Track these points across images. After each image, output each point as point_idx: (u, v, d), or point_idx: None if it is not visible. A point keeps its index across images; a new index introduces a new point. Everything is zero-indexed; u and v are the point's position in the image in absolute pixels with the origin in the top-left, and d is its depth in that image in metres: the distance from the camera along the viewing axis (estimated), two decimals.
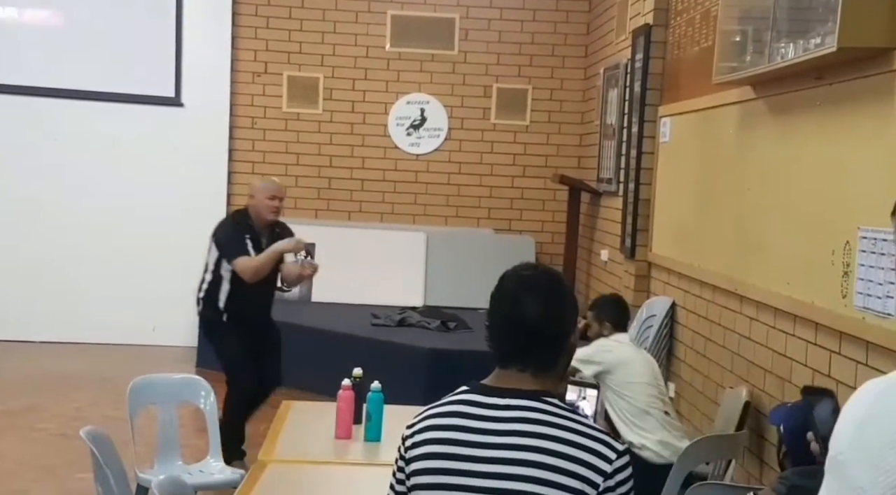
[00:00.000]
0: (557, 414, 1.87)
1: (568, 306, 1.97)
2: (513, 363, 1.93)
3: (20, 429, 5.81)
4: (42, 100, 8.06)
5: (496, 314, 1.95)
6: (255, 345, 5.16)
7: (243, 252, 4.98)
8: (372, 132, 8.48)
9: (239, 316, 5.09)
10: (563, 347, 1.95)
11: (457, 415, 1.91)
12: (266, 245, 5.08)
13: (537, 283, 1.96)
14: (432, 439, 1.91)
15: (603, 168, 7.35)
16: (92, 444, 2.98)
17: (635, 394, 4.12)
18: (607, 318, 4.41)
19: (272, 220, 5.17)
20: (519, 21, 8.42)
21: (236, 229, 5.10)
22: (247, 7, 8.32)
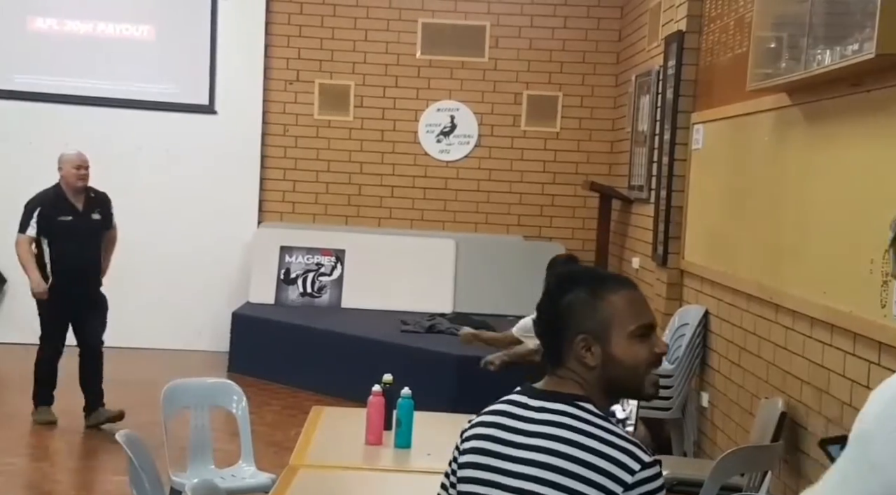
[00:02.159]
0: (585, 419, 1.86)
1: (572, 307, 1.95)
2: (548, 360, 1.96)
3: (57, 432, 5.88)
4: (78, 108, 8.16)
5: (538, 309, 1.98)
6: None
7: (24, 228, 5.80)
8: (402, 139, 8.50)
9: (60, 282, 5.81)
10: (561, 344, 1.93)
11: (501, 414, 1.95)
12: (83, 209, 5.91)
13: (554, 278, 2.03)
14: (479, 435, 1.96)
15: (634, 175, 7.31)
16: (127, 448, 3.00)
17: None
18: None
19: (81, 187, 5.89)
20: (550, 28, 8.41)
21: (35, 203, 5.83)
22: (280, 16, 8.38)
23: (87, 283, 6.00)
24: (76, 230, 5.87)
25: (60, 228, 5.83)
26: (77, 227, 5.87)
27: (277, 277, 8.15)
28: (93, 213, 5.98)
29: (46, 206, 5.81)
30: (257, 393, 6.51)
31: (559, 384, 1.92)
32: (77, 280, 5.92)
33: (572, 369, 1.91)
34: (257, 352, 7.45)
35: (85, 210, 5.91)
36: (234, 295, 8.20)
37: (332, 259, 8.18)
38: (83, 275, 5.97)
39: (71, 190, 5.86)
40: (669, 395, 5.26)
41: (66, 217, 5.84)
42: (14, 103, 8.09)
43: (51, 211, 5.82)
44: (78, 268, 5.91)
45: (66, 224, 5.84)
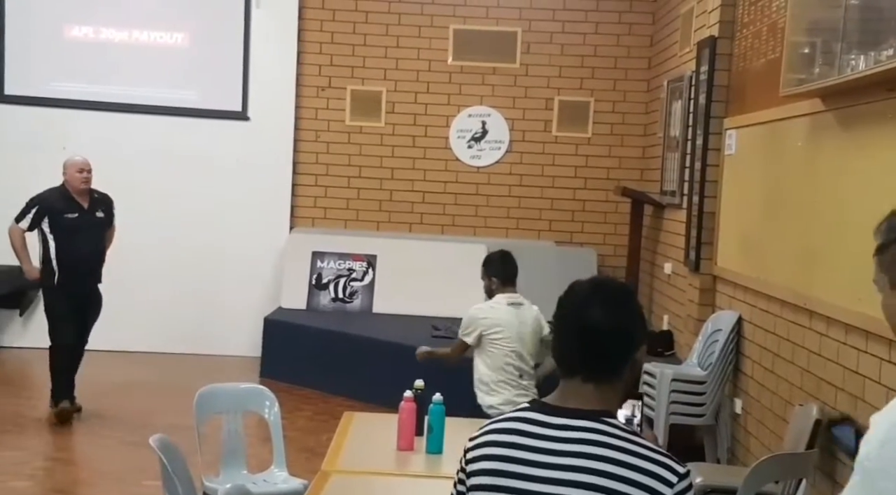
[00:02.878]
0: (618, 435, 1.84)
1: (637, 319, 1.95)
2: (577, 372, 1.90)
3: (89, 436, 5.94)
4: (112, 115, 8.26)
5: (564, 319, 1.92)
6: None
7: (20, 219, 6.12)
8: (433, 145, 8.52)
9: (66, 275, 6.12)
10: (626, 359, 1.91)
11: (515, 433, 1.90)
12: (88, 209, 6.25)
13: (608, 291, 1.95)
14: (490, 455, 1.91)
15: (666, 180, 7.28)
16: (160, 452, 3.03)
17: (496, 355, 4.45)
18: (494, 274, 4.66)
19: (85, 189, 6.26)
20: (581, 34, 8.40)
21: (37, 200, 6.16)
22: (312, 23, 8.44)
23: (90, 278, 6.33)
24: (81, 227, 6.20)
25: (67, 225, 6.15)
26: (82, 225, 6.21)
27: (309, 282, 8.19)
28: (97, 212, 6.34)
29: (51, 204, 6.15)
30: (289, 399, 6.54)
31: (576, 399, 1.89)
32: (82, 275, 6.24)
33: (614, 382, 1.90)
34: (289, 357, 7.49)
35: (90, 208, 6.29)
36: (267, 300, 8.26)
37: (363, 264, 8.22)
38: (88, 270, 6.29)
39: (75, 192, 6.24)
40: (702, 402, 5.23)
41: (72, 214, 6.18)
42: (49, 110, 8.20)
43: (57, 208, 6.15)
44: (83, 264, 6.24)
45: (72, 221, 6.17)
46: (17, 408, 6.42)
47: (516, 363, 4.54)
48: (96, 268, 6.36)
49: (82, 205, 6.26)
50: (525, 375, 4.56)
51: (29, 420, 6.24)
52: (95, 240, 6.31)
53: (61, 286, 6.16)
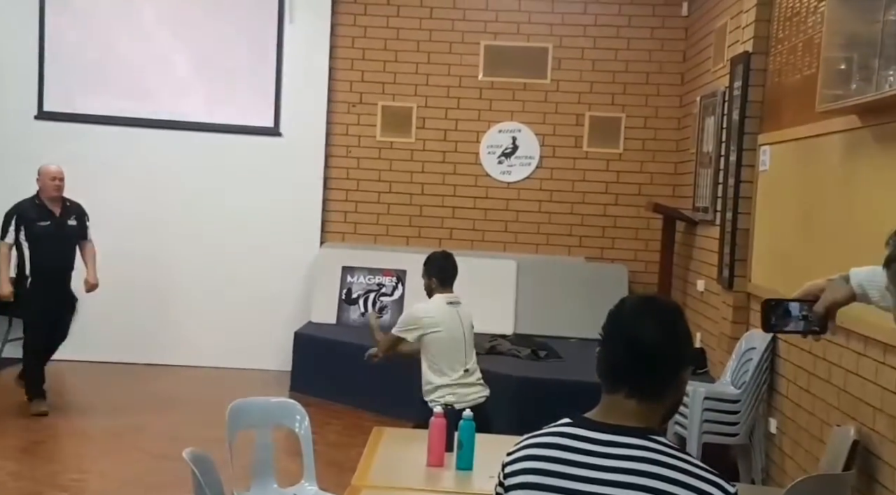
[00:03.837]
0: (667, 453, 1.82)
1: (685, 338, 1.93)
2: (621, 387, 1.88)
3: (122, 449, 5.98)
4: (147, 131, 8.34)
5: (611, 333, 1.91)
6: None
7: (3, 235, 6.43)
8: (463, 160, 8.53)
9: (39, 281, 6.46)
10: (673, 377, 1.89)
11: (557, 447, 1.88)
12: (60, 216, 6.58)
13: (658, 309, 1.93)
14: (530, 469, 1.89)
15: (699, 196, 7.23)
16: (193, 465, 3.03)
17: (439, 351, 4.60)
18: (433, 274, 4.78)
19: (57, 196, 6.59)
20: (613, 50, 8.38)
21: (13, 211, 6.47)
22: (344, 40, 8.49)
23: (63, 283, 6.65)
24: (54, 234, 6.53)
25: (39, 233, 6.48)
26: (55, 232, 6.54)
27: (339, 297, 8.20)
28: (69, 220, 6.66)
29: (26, 213, 6.49)
30: (319, 413, 6.54)
31: (619, 415, 1.87)
32: (55, 280, 6.57)
33: (658, 400, 1.88)
34: (319, 372, 7.50)
35: (62, 216, 6.61)
36: (297, 314, 8.28)
37: (393, 279, 8.22)
38: (60, 276, 6.62)
39: (48, 199, 6.58)
40: (736, 421, 5.17)
41: (44, 222, 6.52)
42: (86, 126, 8.30)
43: (30, 217, 6.49)
44: (56, 269, 6.58)
45: (45, 228, 6.50)
46: (49, 420, 6.47)
47: (459, 359, 4.67)
48: (67, 274, 6.68)
49: (54, 213, 6.59)
50: (469, 368, 4.70)
51: (61, 431, 6.29)
52: (67, 248, 6.65)
53: (35, 291, 6.47)
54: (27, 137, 8.18)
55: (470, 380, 4.69)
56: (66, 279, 6.69)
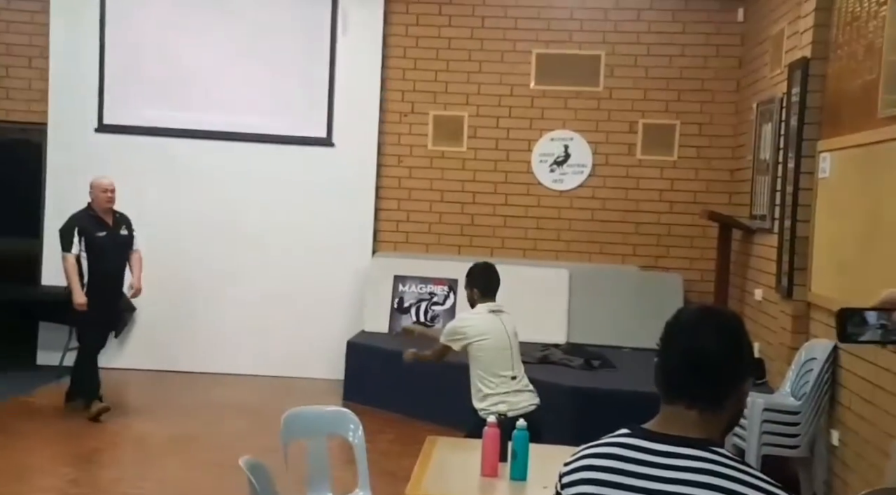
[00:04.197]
0: (730, 465, 1.78)
1: (745, 349, 1.90)
2: (681, 398, 1.85)
3: (180, 457, 6.04)
4: (202, 141, 8.45)
5: (670, 343, 1.88)
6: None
7: (68, 247, 6.67)
8: (515, 169, 8.50)
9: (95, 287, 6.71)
10: (734, 387, 1.86)
11: (615, 458, 1.85)
12: (112, 226, 6.84)
13: (719, 319, 1.90)
14: (588, 480, 1.86)
15: (756, 204, 7.12)
16: (250, 473, 3.05)
17: (486, 360, 4.64)
18: (475, 285, 4.80)
19: (109, 208, 6.83)
20: (667, 56, 8.30)
21: (71, 223, 6.72)
22: (396, 50, 8.52)
23: (116, 290, 6.95)
24: (109, 244, 6.78)
25: (98, 243, 6.72)
26: (110, 242, 6.80)
27: (391, 306, 8.22)
28: (121, 230, 6.91)
29: (84, 225, 6.73)
30: (371, 422, 6.52)
31: (679, 426, 1.83)
32: (110, 288, 6.86)
33: (718, 411, 1.84)
34: (371, 381, 7.51)
35: (114, 226, 6.87)
36: (349, 323, 8.31)
37: (444, 288, 8.21)
38: (114, 284, 6.91)
39: (101, 210, 6.81)
40: (796, 433, 5.06)
41: (101, 232, 6.77)
42: (142, 138, 8.43)
43: (88, 228, 6.74)
44: (112, 277, 6.86)
45: (102, 239, 6.76)
46: (111, 428, 6.57)
47: (507, 365, 4.70)
48: (121, 282, 6.96)
49: (108, 223, 6.84)
50: (517, 375, 4.72)
51: (124, 439, 6.39)
52: (121, 256, 6.92)
53: (91, 299, 6.68)
54: (88, 149, 8.33)
55: (518, 387, 4.70)
56: (120, 286, 6.97)
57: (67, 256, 6.67)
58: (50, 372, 7.89)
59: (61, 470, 5.61)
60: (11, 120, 8.57)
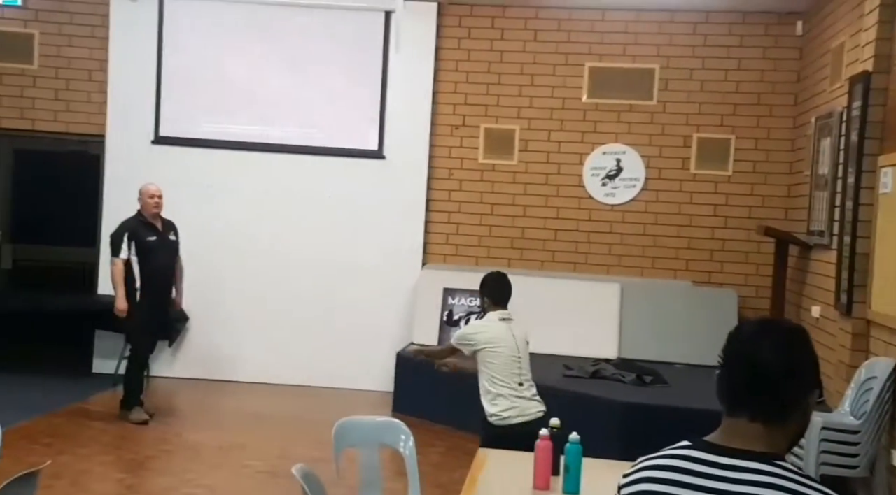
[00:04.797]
0: (795, 480, 1.74)
1: (809, 361, 1.85)
2: (744, 411, 1.81)
3: (230, 466, 6.08)
4: (255, 154, 8.54)
5: (732, 354, 1.85)
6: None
7: (117, 252, 6.81)
8: (566, 182, 8.46)
9: (147, 292, 6.83)
10: (798, 400, 1.82)
11: (677, 470, 1.82)
12: (161, 231, 6.97)
13: (783, 331, 1.87)
14: (649, 491, 1.83)
15: (814, 220, 7.00)
16: (303, 481, 3.05)
17: (496, 366, 4.71)
18: (487, 294, 4.92)
19: (157, 213, 6.98)
20: (723, 70, 8.21)
21: (123, 229, 6.86)
22: (448, 63, 8.55)
23: (167, 294, 7.05)
24: (159, 248, 6.94)
25: (148, 247, 6.88)
26: (160, 246, 6.95)
27: (440, 319, 8.21)
28: (170, 235, 7.06)
29: (134, 230, 6.87)
30: (421, 434, 6.47)
31: (742, 439, 1.80)
32: (160, 291, 6.97)
33: (783, 425, 1.81)
34: (421, 393, 7.51)
35: (163, 231, 7.03)
36: (399, 335, 8.32)
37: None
38: (166, 288, 7.04)
39: (149, 216, 6.96)
40: (856, 452, 4.95)
41: (152, 237, 6.93)
42: (197, 150, 8.54)
43: (139, 233, 6.88)
44: (163, 281, 6.99)
45: (152, 243, 6.91)
46: (164, 435, 6.65)
47: (515, 372, 4.77)
48: (170, 286, 7.07)
49: (157, 228, 6.99)
50: (525, 383, 4.79)
51: (176, 446, 6.45)
52: (170, 260, 7.05)
53: (143, 304, 6.81)
54: (144, 161, 8.47)
55: (526, 395, 4.78)
56: (170, 291, 7.09)
57: (116, 261, 6.83)
58: (105, 380, 8.02)
59: (116, 476, 5.68)
60: (71, 132, 8.74)
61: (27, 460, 5.21)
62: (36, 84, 8.66)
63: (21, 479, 2.95)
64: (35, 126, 8.70)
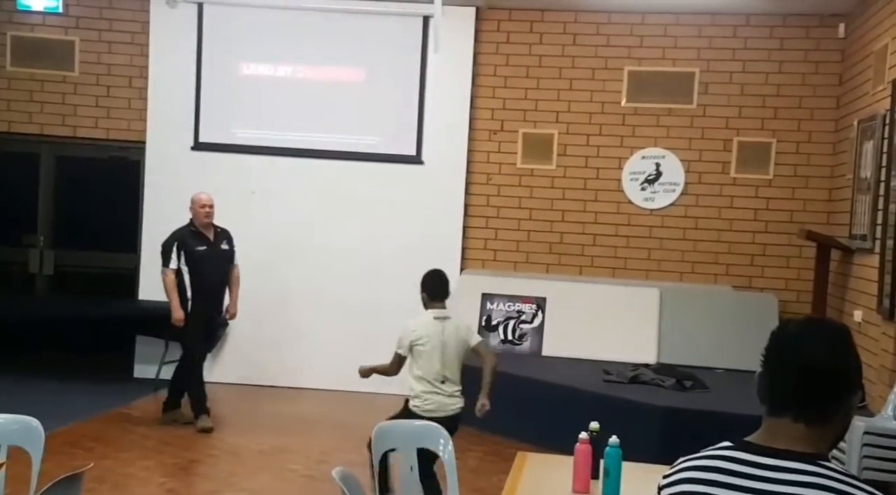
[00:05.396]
0: (841, 480, 1.73)
1: (853, 360, 1.83)
2: (787, 411, 1.80)
3: (272, 469, 6.12)
4: (294, 159, 8.60)
5: (775, 354, 1.83)
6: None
7: (167, 262, 6.83)
8: (605, 187, 8.42)
9: (197, 302, 6.87)
10: (842, 400, 1.80)
11: (719, 471, 1.81)
12: (213, 240, 6.96)
13: (827, 330, 1.85)
14: (690, 492, 1.82)
15: (856, 224, 6.90)
16: (343, 485, 3.06)
17: (422, 361, 5.03)
18: (425, 290, 5.20)
19: (208, 223, 6.97)
20: (763, 73, 8.13)
21: (173, 239, 6.86)
22: (486, 68, 8.55)
23: (217, 304, 7.08)
24: (210, 258, 6.92)
25: (198, 257, 6.87)
26: (210, 256, 6.92)
27: (479, 324, 8.20)
28: (222, 244, 7.05)
29: (184, 240, 6.86)
30: (459, 439, 6.40)
31: (786, 440, 1.79)
32: (210, 301, 7.00)
33: (826, 425, 1.79)
34: None
35: (215, 241, 7.01)
36: None
37: (532, 307, 8.17)
38: (215, 298, 7.05)
39: (201, 225, 6.95)
40: None
41: (202, 247, 6.91)
42: (233, 156, 8.61)
43: (189, 243, 6.87)
44: (213, 291, 7.00)
45: (202, 253, 6.90)
46: (205, 439, 6.71)
47: (438, 369, 5.03)
48: (221, 296, 7.09)
49: (209, 238, 6.97)
50: (447, 381, 5.05)
51: (218, 450, 6.50)
52: (222, 270, 7.04)
53: (194, 314, 6.85)
54: (184, 167, 8.57)
55: (447, 391, 5.04)
56: (221, 301, 7.11)
57: (167, 271, 6.85)
58: (147, 385, 8.11)
59: (158, 480, 5.73)
60: (112, 138, 8.86)
61: (70, 464, 5.29)
62: (77, 91, 8.79)
63: (65, 481, 3.00)
64: (76, 133, 8.84)
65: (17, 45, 8.79)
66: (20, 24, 8.78)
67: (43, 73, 8.79)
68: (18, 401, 6.73)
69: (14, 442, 3.66)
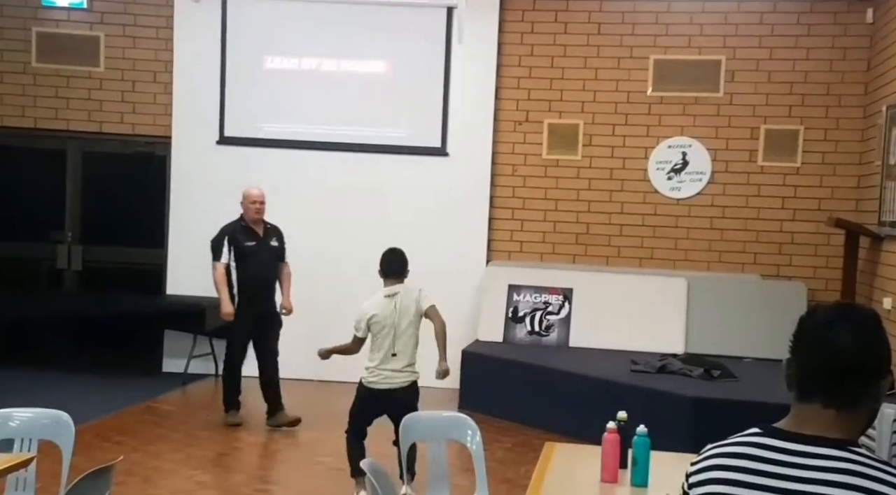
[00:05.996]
0: (872, 465, 1.71)
1: (884, 345, 1.81)
2: (817, 397, 1.78)
3: (303, 461, 6.15)
4: (318, 153, 8.61)
5: (804, 340, 1.82)
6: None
7: (218, 257, 6.76)
8: (631, 177, 8.38)
9: (245, 298, 6.79)
10: (871, 386, 1.79)
11: (747, 458, 1.79)
12: (263, 236, 6.89)
13: (857, 315, 1.83)
14: (718, 479, 1.80)
15: (885, 211, 6.83)
16: (372, 475, 3.07)
17: (378, 338, 5.26)
18: (381, 267, 5.33)
19: (258, 219, 6.90)
20: (791, 60, 8.05)
21: (223, 234, 6.80)
22: (511, 58, 8.52)
23: (268, 300, 6.94)
24: (260, 254, 6.84)
25: (248, 252, 6.80)
26: (260, 252, 6.85)
27: (506, 315, 8.19)
28: (271, 241, 6.96)
29: (234, 235, 6.80)
30: (487, 430, 6.45)
31: (815, 426, 1.77)
32: (260, 297, 6.86)
33: (855, 411, 1.77)
34: (486, 389, 7.50)
35: (265, 237, 6.93)
36: (464, 332, 8.30)
37: (559, 298, 8.15)
38: (266, 293, 6.92)
39: (251, 221, 6.89)
40: None
41: (251, 243, 6.83)
42: (258, 150, 8.64)
43: (238, 238, 6.81)
44: (261, 287, 6.88)
45: (252, 248, 6.82)
46: (237, 433, 6.75)
47: (389, 344, 5.24)
48: (271, 292, 6.97)
49: (258, 234, 6.91)
50: (400, 354, 5.28)
51: (248, 443, 6.54)
52: (271, 266, 6.95)
53: (241, 309, 6.76)
54: (209, 161, 8.60)
55: (397, 366, 5.25)
56: (271, 296, 6.96)
57: (217, 265, 6.75)
58: (175, 379, 8.16)
59: (188, 473, 5.77)
60: (138, 133, 8.92)
61: (99, 458, 5.34)
62: (102, 86, 8.85)
63: (95, 474, 3.03)
64: (102, 128, 8.89)
65: (42, 41, 8.86)
66: (45, 20, 8.84)
67: (68, 68, 8.85)
68: (48, 396, 6.85)
69: (45, 436, 3.70)
